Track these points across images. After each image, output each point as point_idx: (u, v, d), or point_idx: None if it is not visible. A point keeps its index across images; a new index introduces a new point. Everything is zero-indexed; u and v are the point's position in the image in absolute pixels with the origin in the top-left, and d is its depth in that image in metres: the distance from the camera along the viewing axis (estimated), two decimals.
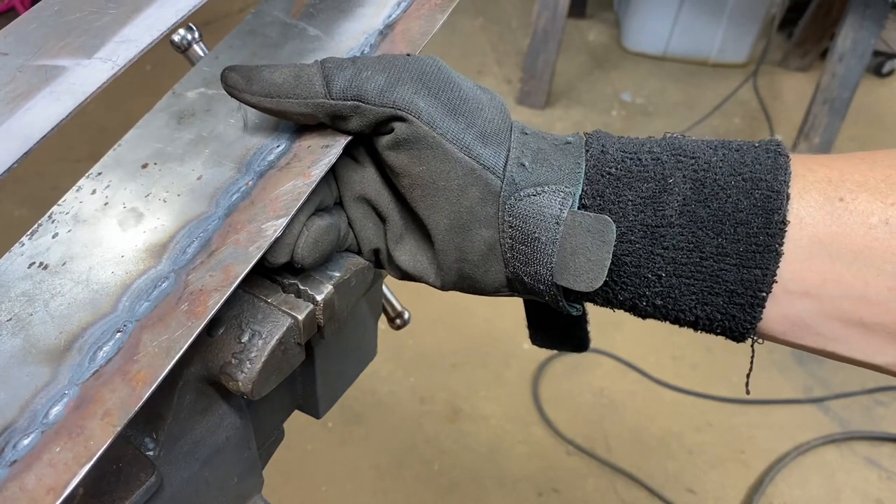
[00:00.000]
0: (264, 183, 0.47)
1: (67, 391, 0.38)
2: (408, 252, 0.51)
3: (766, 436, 1.89)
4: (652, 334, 2.09)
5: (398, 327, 0.72)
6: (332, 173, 0.50)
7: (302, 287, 0.51)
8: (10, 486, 0.35)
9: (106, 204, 0.48)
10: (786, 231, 0.43)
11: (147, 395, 0.38)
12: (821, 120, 2.43)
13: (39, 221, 0.47)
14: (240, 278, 0.42)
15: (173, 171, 0.49)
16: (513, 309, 2.13)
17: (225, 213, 0.46)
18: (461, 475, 1.80)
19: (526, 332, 0.58)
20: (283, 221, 0.45)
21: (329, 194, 0.51)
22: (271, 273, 0.51)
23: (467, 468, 1.81)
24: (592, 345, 0.55)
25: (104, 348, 0.40)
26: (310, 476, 1.77)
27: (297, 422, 0.66)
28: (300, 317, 0.50)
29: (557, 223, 0.46)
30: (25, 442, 0.36)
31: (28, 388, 0.38)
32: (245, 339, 0.49)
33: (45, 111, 0.50)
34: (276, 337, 0.49)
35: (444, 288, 0.52)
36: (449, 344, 2.05)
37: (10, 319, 0.41)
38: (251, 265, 0.43)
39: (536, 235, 0.46)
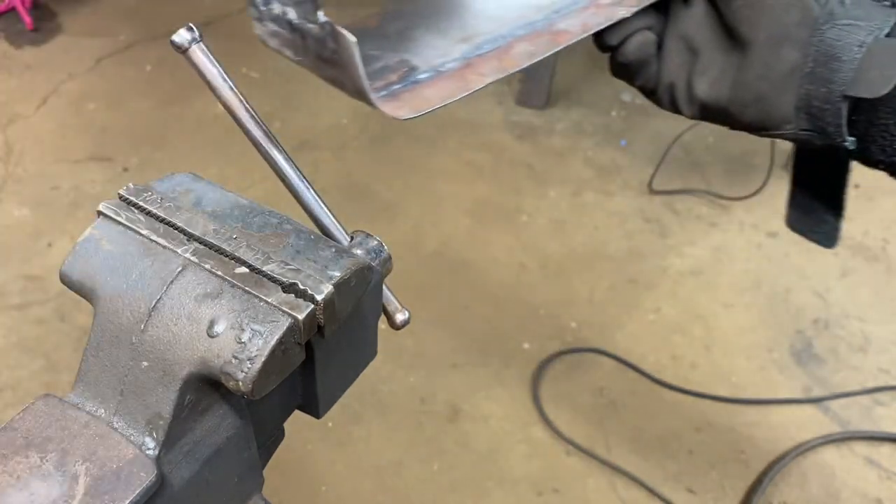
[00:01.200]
0: None
1: (456, 60, 0.59)
2: (708, 81, 0.62)
3: (765, 436, 1.89)
4: (652, 334, 2.10)
5: (398, 327, 0.72)
6: (665, 12, 0.63)
7: (302, 287, 0.51)
8: (416, 91, 0.56)
9: None
10: None
11: (507, 74, 0.59)
12: None
13: None
14: (592, 31, 0.62)
15: None
16: (513, 309, 2.14)
17: None
18: (461, 475, 1.80)
19: (526, 331, 0.60)
20: (633, 10, 0.61)
21: (657, 26, 0.63)
22: (272, 274, 0.51)
23: (467, 468, 1.81)
24: (592, 344, 0.57)
25: (488, 45, 0.60)
26: (310, 476, 1.77)
27: (297, 422, 0.66)
28: (300, 317, 0.50)
29: (860, 47, 0.55)
30: (423, 76, 0.57)
31: (436, 52, 0.59)
32: (245, 338, 0.49)
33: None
34: (277, 337, 0.49)
35: (731, 113, 0.61)
36: (449, 344, 2.05)
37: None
38: (601, 27, 0.62)
39: (839, 56, 0.55)
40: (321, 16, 0.44)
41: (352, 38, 0.45)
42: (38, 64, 2.99)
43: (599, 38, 0.63)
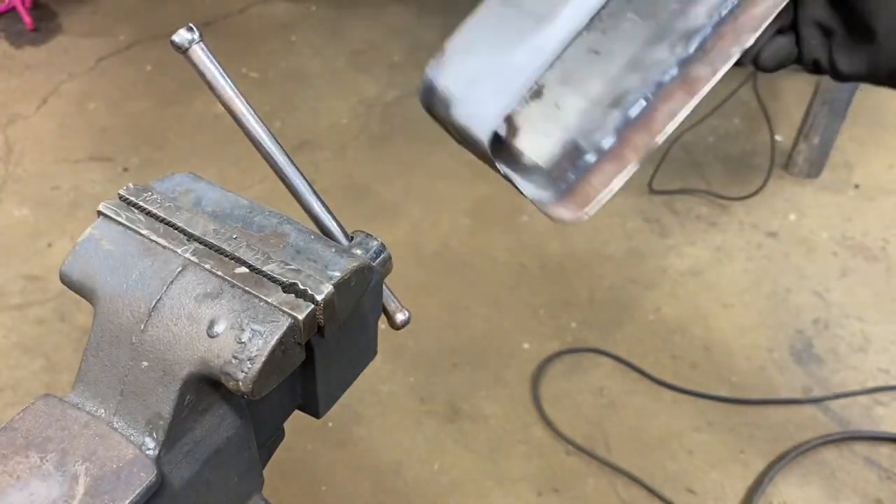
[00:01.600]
0: (746, 4, 0.63)
1: (611, 134, 0.62)
2: (847, 58, 0.67)
3: (765, 436, 1.89)
4: (652, 334, 2.10)
5: (398, 327, 0.72)
6: (793, 2, 0.66)
7: (302, 287, 0.51)
8: (587, 180, 0.60)
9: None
10: None
11: (657, 142, 0.63)
12: (820, 120, 2.43)
13: None
14: (720, 73, 0.63)
15: None
16: (513, 309, 2.14)
17: (716, 23, 0.63)
18: (461, 475, 1.80)
19: (526, 331, 0.60)
20: (755, 35, 0.63)
21: (787, 17, 0.67)
22: (272, 274, 0.51)
23: (467, 468, 1.81)
24: (592, 344, 0.58)
25: (635, 109, 0.62)
26: (310, 476, 1.77)
27: (297, 422, 0.66)
28: (300, 317, 0.50)
29: None
30: (590, 158, 0.61)
31: (590, 121, 0.61)
32: (245, 338, 0.49)
33: None
34: (277, 337, 0.49)
35: (873, 82, 0.68)
36: (449, 344, 2.05)
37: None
38: (730, 63, 0.63)
39: None
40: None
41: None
42: (38, 64, 2.99)
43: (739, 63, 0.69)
